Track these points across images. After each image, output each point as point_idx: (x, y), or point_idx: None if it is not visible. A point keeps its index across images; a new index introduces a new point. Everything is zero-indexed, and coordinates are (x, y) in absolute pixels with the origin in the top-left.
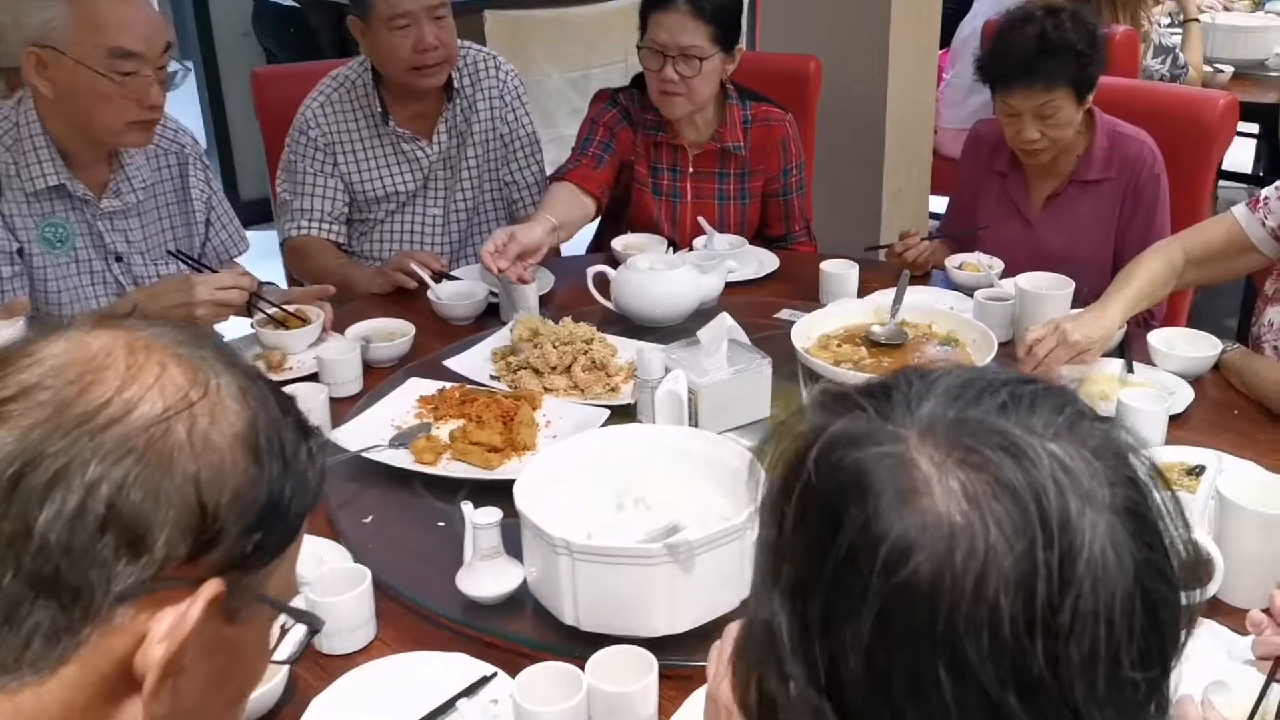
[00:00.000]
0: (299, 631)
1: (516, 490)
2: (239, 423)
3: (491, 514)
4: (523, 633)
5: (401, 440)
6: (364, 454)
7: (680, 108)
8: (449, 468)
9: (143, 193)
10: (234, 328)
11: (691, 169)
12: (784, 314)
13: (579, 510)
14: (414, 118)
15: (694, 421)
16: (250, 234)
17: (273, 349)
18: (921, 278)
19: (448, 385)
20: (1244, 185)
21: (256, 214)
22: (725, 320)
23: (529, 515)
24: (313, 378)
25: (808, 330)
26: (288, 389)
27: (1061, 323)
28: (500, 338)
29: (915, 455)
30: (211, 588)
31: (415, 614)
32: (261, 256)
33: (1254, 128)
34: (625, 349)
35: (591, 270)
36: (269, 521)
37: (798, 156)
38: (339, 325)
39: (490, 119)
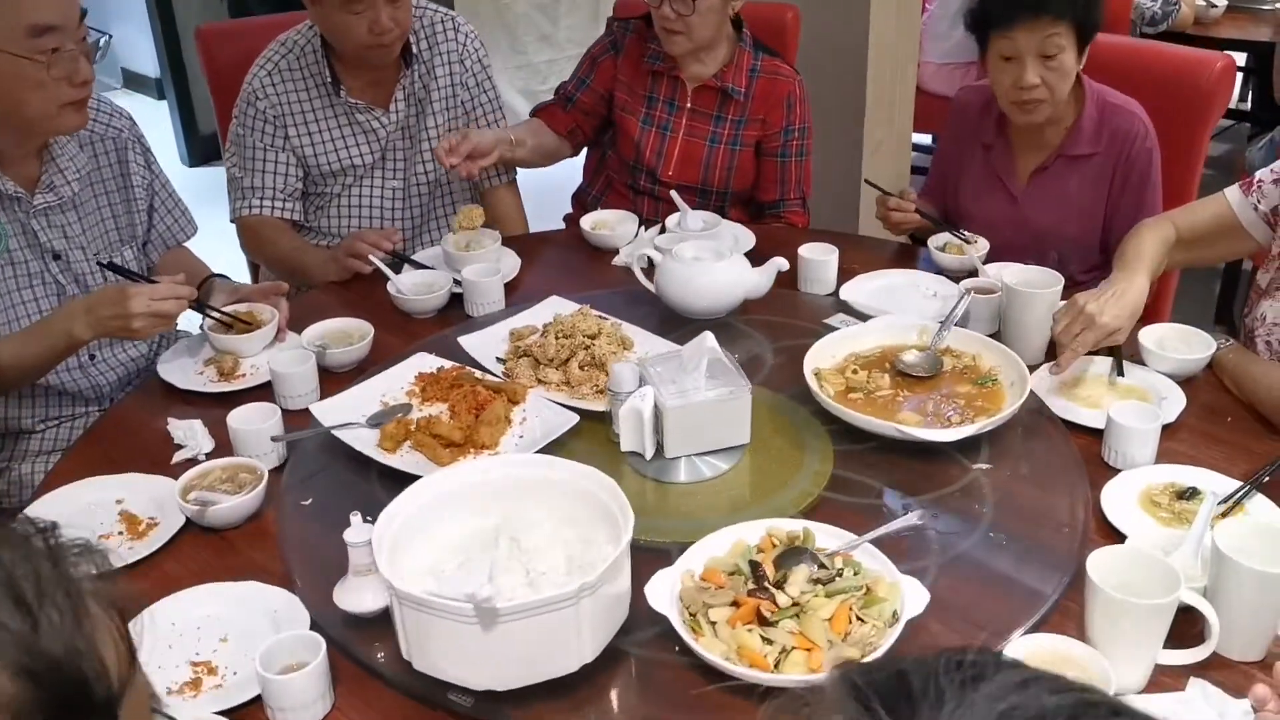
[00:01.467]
0: None
1: (385, 512)
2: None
3: (364, 531)
4: (387, 667)
5: (377, 420)
6: (334, 431)
7: (680, 46)
8: (405, 458)
9: (78, 184)
10: (186, 324)
11: (689, 105)
12: (834, 319)
13: (462, 536)
14: (369, 86)
15: (660, 440)
16: (208, 170)
17: (225, 354)
18: (905, 260)
19: (447, 365)
20: (1230, 120)
21: (215, 149)
22: (707, 339)
23: (378, 549)
24: (269, 384)
25: (835, 347)
26: (240, 409)
27: (1085, 305)
28: (525, 317)
29: None
30: None
31: (372, 675)
32: (219, 193)
33: (1243, 58)
34: (644, 343)
35: (638, 254)
36: None
37: (802, 120)
38: (295, 319)
39: (450, 85)
